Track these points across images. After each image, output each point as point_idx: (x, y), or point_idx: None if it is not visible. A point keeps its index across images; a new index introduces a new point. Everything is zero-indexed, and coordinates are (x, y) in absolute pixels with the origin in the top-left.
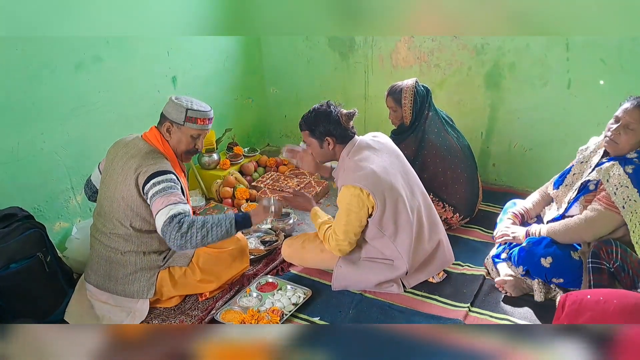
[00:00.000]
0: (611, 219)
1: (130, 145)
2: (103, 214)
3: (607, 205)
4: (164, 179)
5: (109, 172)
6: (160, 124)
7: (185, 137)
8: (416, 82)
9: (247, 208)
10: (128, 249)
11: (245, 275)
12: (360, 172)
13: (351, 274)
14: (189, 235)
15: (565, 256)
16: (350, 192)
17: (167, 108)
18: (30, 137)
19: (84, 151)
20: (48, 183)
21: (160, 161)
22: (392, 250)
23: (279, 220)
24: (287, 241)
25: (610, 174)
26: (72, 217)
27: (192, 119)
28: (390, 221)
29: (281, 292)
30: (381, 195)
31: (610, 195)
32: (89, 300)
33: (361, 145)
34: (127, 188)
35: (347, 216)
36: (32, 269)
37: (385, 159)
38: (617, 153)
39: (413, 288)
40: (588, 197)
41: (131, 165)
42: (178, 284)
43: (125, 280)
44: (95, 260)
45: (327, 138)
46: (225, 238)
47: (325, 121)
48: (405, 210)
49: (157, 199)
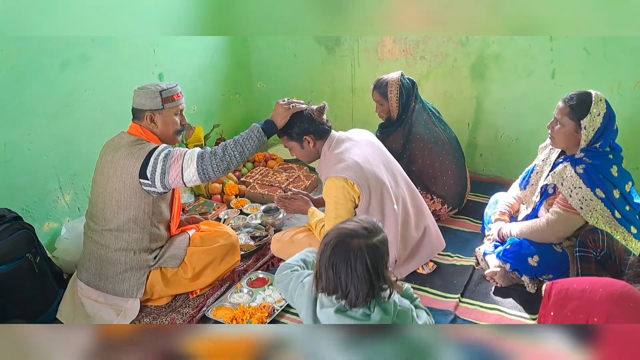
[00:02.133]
0: (571, 220)
1: (116, 140)
2: (95, 210)
3: (565, 207)
4: (159, 151)
5: (99, 169)
6: (139, 118)
7: (170, 119)
8: (402, 75)
9: (236, 204)
10: (118, 247)
11: (236, 271)
12: (343, 164)
13: None
14: (227, 157)
15: (550, 251)
16: (335, 184)
17: (138, 101)
18: (17, 137)
19: (71, 151)
20: (36, 183)
21: (148, 145)
22: None
23: (269, 215)
24: (276, 236)
25: (563, 177)
26: (61, 217)
27: (169, 99)
28: (376, 210)
29: (272, 288)
30: (366, 184)
31: (566, 197)
32: (80, 299)
33: (341, 138)
34: (119, 179)
35: (336, 209)
36: (22, 270)
37: (366, 150)
38: (559, 147)
39: (403, 280)
40: (549, 201)
41: (120, 155)
42: (170, 284)
43: (115, 279)
44: (87, 257)
45: (305, 137)
46: (259, 148)
47: (298, 121)
48: (390, 199)
49: (170, 163)
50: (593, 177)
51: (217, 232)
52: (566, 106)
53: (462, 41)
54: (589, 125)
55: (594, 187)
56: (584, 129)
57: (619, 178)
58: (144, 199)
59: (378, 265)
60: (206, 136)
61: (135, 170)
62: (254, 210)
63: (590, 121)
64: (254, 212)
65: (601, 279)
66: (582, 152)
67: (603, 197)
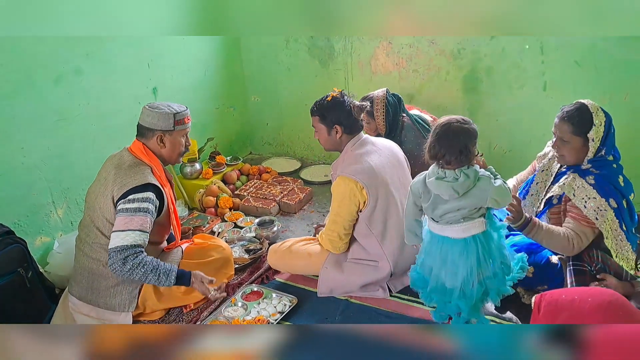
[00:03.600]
0: (590, 234)
1: (117, 156)
2: (86, 223)
3: (583, 222)
4: (140, 197)
5: (94, 182)
6: (146, 137)
7: (178, 140)
8: (386, 91)
9: (230, 217)
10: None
11: (230, 284)
12: (358, 166)
13: (337, 277)
14: (128, 273)
15: (546, 263)
16: (346, 184)
17: (149, 119)
18: (11, 150)
19: (65, 164)
20: (28, 197)
21: (141, 175)
22: (378, 251)
23: (263, 228)
24: (273, 247)
25: (574, 188)
26: (54, 232)
27: (180, 121)
28: (379, 220)
29: (267, 301)
30: (374, 191)
31: (581, 210)
32: (72, 314)
33: (365, 141)
34: (104, 199)
35: (339, 207)
36: (13, 285)
37: (385, 159)
38: (570, 163)
39: (399, 292)
40: (553, 210)
41: (110, 177)
42: (163, 297)
43: (107, 292)
44: (78, 271)
45: (336, 126)
46: (160, 286)
47: (337, 109)
48: (397, 212)
49: (122, 216)
50: (605, 187)
51: (210, 245)
52: (569, 124)
53: (454, 54)
54: (595, 136)
55: (607, 197)
56: (591, 141)
57: (625, 188)
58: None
59: (466, 142)
60: (200, 149)
61: (116, 195)
62: (248, 224)
63: (596, 132)
64: (248, 225)
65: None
66: (589, 163)
67: (615, 207)
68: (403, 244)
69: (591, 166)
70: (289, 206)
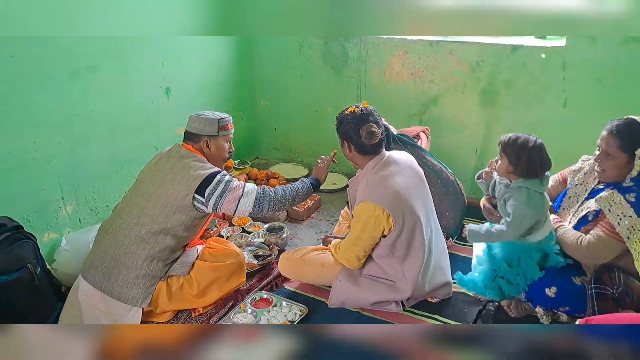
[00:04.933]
0: (613, 247)
1: (177, 150)
2: (129, 209)
3: (610, 232)
4: (223, 175)
5: (151, 171)
6: (194, 141)
7: (222, 145)
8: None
9: (238, 221)
10: (140, 250)
11: (240, 290)
12: (383, 190)
13: (350, 290)
14: (283, 199)
15: (568, 283)
16: (371, 210)
17: (196, 126)
18: (23, 145)
19: (76, 161)
20: (38, 192)
21: (209, 164)
22: (398, 272)
23: (273, 234)
24: (285, 255)
25: (611, 204)
26: (62, 228)
27: (224, 127)
28: (403, 244)
29: (276, 309)
30: (401, 217)
31: (614, 225)
32: (79, 302)
33: (388, 161)
34: (173, 187)
35: (361, 231)
36: (22, 281)
37: (409, 179)
38: (609, 180)
39: (412, 307)
40: (587, 227)
41: (183, 165)
42: (173, 297)
43: (125, 282)
44: (99, 256)
45: (345, 142)
46: (305, 199)
47: (348, 126)
48: (421, 234)
49: (231, 188)
50: None
51: (225, 250)
52: (617, 138)
53: (472, 66)
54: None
55: None
56: (637, 159)
57: None
58: (187, 213)
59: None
60: None
61: (194, 184)
62: (256, 229)
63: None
64: (256, 230)
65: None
66: (632, 182)
67: None
68: (425, 266)
69: (634, 184)
70: (297, 213)
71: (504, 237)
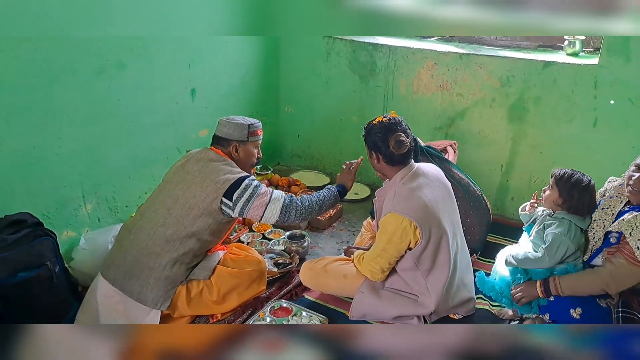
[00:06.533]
0: (635, 274)
1: (205, 152)
2: (154, 210)
3: (631, 259)
4: (251, 180)
5: (178, 172)
6: (223, 146)
7: (251, 150)
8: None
9: (258, 228)
10: (164, 252)
11: (259, 298)
12: (412, 202)
13: (372, 302)
14: (310, 208)
15: (594, 305)
16: (398, 222)
17: (225, 129)
18: (47, 140)
19: (97, 159)
20: (59, 189)
21: (238, 168)
22: (421, 286)
23: (294, 242)
24: (307, 264)
25: (633, 227)
26: (80, 227)
27: (253, 133)
28: (429, 257)
29: (296, 319)
30: (428, 230)
31: (633, 249)
32: (97, 302)
33: (417, 172)
34: (202, 189)
35: (387, 243)
36: (41, 278)
37: (437, 192)
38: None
39: (434, 323)
40: (610, 250)
41: (212, 168)
42: (193, 302)
43: (145, 282)
44: (121, 255)
45: (373, 152)
46: (333, 207)
47: (375, 136)
48: (447, 249)
49: (258, 194)
50: None
51: (247, 257)
52: None
53: (502, 81)
54: None
55: None
56: None
57: None
58: (214, 217)
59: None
60: None
61: (223, 187)
62: (276, 236)
63: None
64: (276, 237)
65: None
66: None
67: None
68: (449, 281)
69: None
70: (318, 222)
71: (539, 263)
